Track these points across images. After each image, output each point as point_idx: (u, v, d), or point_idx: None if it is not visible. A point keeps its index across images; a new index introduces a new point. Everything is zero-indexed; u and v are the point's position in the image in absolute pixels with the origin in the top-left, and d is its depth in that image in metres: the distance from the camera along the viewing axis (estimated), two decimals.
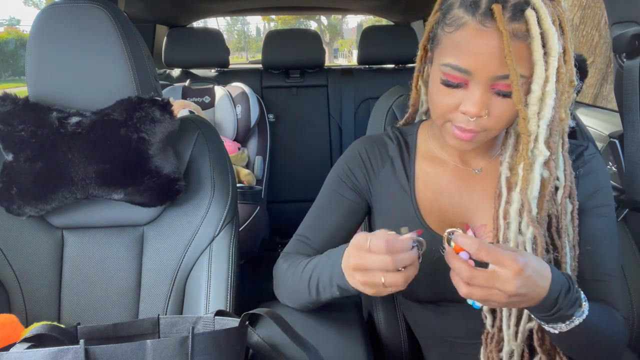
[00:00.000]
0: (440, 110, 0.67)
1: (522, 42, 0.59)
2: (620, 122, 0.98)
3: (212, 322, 0.72)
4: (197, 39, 2.21)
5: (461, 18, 0.61)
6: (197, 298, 0.87)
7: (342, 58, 21.81)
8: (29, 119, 0.82)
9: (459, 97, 0.64)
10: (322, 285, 0.69)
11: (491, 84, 0.61)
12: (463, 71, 0.61)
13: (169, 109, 0.86)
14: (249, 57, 20.25)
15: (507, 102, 0.62)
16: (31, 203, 0.83)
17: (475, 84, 0.62)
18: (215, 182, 0.92)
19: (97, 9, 0.83)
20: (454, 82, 0.63)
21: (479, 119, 0.63)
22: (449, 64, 0.63)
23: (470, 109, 0.62)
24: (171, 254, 0.89)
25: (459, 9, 0.62)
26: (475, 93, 0.62)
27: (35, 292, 0.87)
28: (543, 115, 0.63)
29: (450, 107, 0.65)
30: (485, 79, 0.61)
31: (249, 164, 2.01)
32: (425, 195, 0.77)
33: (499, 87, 0.61)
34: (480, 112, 0.62)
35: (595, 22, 2.88)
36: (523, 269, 0.54)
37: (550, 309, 0.59)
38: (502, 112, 0.63)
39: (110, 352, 0.55)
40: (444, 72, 0.64)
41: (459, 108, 0.64)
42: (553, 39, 0.60)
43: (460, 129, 0.65)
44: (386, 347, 0.89)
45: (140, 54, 0.88)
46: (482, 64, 0.60)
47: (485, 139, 0.68)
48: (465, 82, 0.63)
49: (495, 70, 0.60)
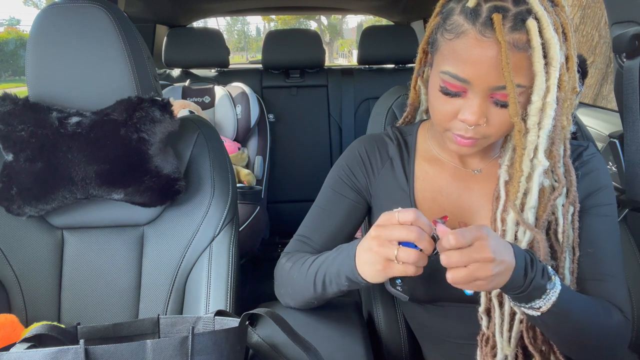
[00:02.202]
0: (439, 118, 0.67)
1: (522, 52, 0.59)
2: (620, 122, 0.98)
3: (212, 322, 0.72)
4: (197, 39, 2.21)
5: (461, 26, 0.61)
6: (197, 298, 0.87)
7: (342, 58, 21.81)
8: (29, 119, 0.82)
9: (457, 105, 0.64)
10: (328, 278, 0.70)
11: (489, 94, 0.62)
12: (462, 80, 0.61)
13: (169, 109, 0.86)
14: (249, 57, 20.25)
15: (505, 111, 0.62)
16: (31, 203, 0.83)
17: (473, 93, 0.62)
18: (215, 182, 0.92)
19: (97, 9, 0.83)
20: (452, 90, 0.63)
21: (478, 127, 0.64)
22: (447, 72, 0.63)
23: (468, 117, 0.62)
24: (171, 254, 0.89)
25: (459, 15, 0.61)
26: (473, 102, 0.62)
27: (35, 292, 0.87)
28: (543, 126, 0.63)
29: (448, 115, 0.65)
30: (484, 89, 0.61)
31: (249, 164, 2.01)
32: (424, 196, 0.77)
33: (497, 97, 0.61)
34: (478, 120, 0.62)
35: (595, 22, 2.88)
36: (488, 234, 0.55)
37: (522, 281, 0.58)
38: (500, 121, 0.63)
39: (110, 352, 0.55)
40: (443, 79, 0.64)
41: (458, 116, 0.64)
42: (555, 48, 0.59)
43: (461, 136, 0.66)
44: (386, 347, 0.89)
45: (140, 54, 0.88)
46: (480, 74, 0.60)
47: (486, 144, 0.68)
48: (463, 90, 0.63)
49: (493, 81, 0.60)
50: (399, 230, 0.57)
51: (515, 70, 0.59)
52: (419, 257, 0.56)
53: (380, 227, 0.59)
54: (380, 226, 0.59)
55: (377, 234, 0.59)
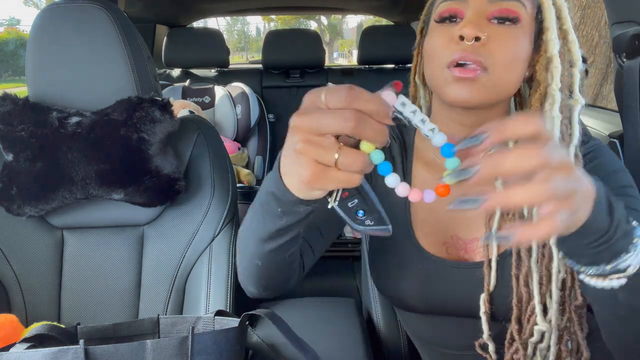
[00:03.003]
0: (436, 50, 0.60)
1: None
2: (620, 122, 0.98)
3: (212, 322, 0.72)
4: (197, 39, 2.21)
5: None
6: (197, 298, 0.87)
7: (341, 58, 21.81)
8: (29, 119, 0.82)
9: (454, 30, 0.58)
10: (260, 209, 0.52)
11: (489, 11, 0.57)
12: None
13: (169, 109, 0.86)
14: (249, 57, 20.25)
15: (508, 29, 0.57)
16: (31, 203, 0.83)
17: (470, 10, 0.58)
18: (215, 182, 0.92)
19: (97, 9, 0.83)
20: (448, 14, 0.60)
21: (479, 47, 0.56)
22: (441, 1, 0.60)
23: (465, 30, 0.56)
24: (171, 253, 0.89)
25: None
26: (470, 16, 0.58)
27: (35, 292, 0.87)
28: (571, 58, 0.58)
29: (445, 40, 0.59)
30: (482, 2, 0.57)
31: (249, 164, 2.01)
32: (420, 206, 0.71)
33: (500, 11, 0.57)
34: (476, 31, 0.55)
35: (595, 22, 2.88)
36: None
37: (608, 218, 0.42)
38: (503, 40, 0.57)
39: (110, 352, 0.55)
40: (438, 11, 0.61)
41: (454, 36, 0.58)
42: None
43: (460, 66, 0.57)
44: (385, 347, 0.89)
45: (140, 54, 0.88)
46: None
47: (488, 93, 0.58)
48: (460, 13, 0.59)
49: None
50: (328, 118, 0.37)
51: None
52: (365, 163, 0.38)
53: (302, 115, 0.38)
54: (302, 114, 0.38)
55: (299, 124, 0.39)
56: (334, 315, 0.81)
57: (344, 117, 0.36)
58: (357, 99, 0.36)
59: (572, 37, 0.59)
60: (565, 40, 0.60)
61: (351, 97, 0.36)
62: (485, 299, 0.64)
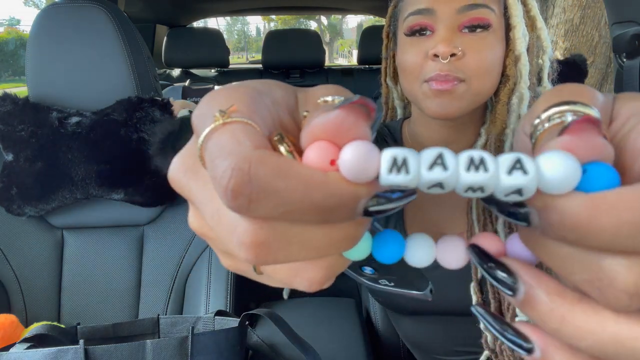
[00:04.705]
0: (411, 67, 0.59)
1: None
2: None
3: (212, 322, 0.72)
4: (197, 39, 2.21)
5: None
6: (197, 298, 0.87)
7: (342, 58, 21.81)
8: (29, 119, 0.82)
9: (427, 45, 0.57)
10: None
11: (458, 23, 0.56)
12: (424, 12, 0.57)
13: (169, 109, 0.86)
14: (249, 57, 20.26)
15: (481, 37, 0.56)
16: (31, 203, 0.83)
17: (441, 24, 0.56)
18: None
19: (97, 9, 0.83)
20: (417, 27, 0.58)
21: (455, 62, 0.55)
22: (409, 14, 0.58)
23: (439, 48, 0.55)
24: (171, 253, 0.89)
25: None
26: (441, 32, 0.56)
27: (35, 292, 0.87)
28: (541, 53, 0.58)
29: (420, 57, 0.57)
30: (450, 14, 0.56)
31: None
32: (411, 204, 0.69)
33: (467, 21, 0.56)
34: (450, 48, 0.54)
35: (595, 22, 2.88)
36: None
37: None
38: (477, 50, 0.55)
39: (110, 352, 0.55)
40: (407, 25, 0.59)
41: (429, 54, 0.56)
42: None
43: (437, 77, 0.56)
44: (385, 346, 0.89)
45: (140, 54, 0.88)
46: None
47: (468, 103, 0.58)
48: (430, 26, 0.57)
49: (458, 1, 0.55)
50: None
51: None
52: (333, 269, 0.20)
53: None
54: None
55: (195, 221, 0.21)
56: (334, 315, 0.81)
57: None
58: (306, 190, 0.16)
59: (540, 23, 0.59)
60: (534, 27, 0.59)
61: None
62: (475, 288, 0.63)
